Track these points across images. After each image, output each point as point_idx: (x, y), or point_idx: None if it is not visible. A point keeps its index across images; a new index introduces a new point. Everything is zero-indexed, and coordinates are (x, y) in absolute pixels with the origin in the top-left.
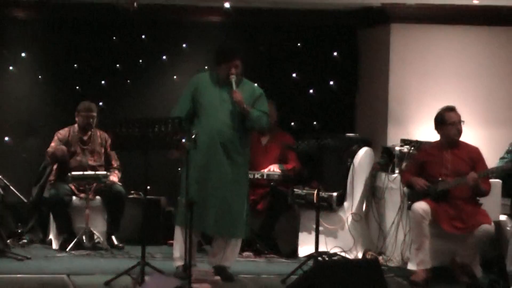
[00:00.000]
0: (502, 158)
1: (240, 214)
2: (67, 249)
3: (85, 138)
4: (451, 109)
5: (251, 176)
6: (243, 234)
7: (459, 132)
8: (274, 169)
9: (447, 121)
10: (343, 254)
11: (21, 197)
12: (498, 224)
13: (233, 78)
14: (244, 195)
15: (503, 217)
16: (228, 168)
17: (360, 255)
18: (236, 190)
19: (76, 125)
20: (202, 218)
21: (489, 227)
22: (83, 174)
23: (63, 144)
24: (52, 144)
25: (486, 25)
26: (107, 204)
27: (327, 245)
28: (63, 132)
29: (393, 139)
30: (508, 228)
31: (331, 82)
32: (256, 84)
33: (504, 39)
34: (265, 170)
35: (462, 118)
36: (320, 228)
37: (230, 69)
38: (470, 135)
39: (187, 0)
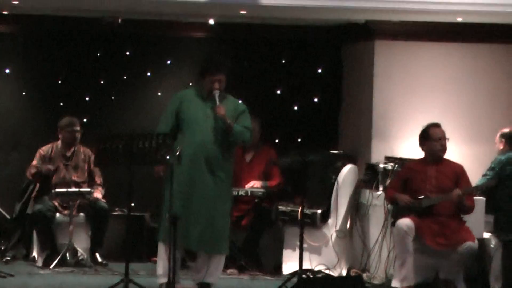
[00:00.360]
0: (484, 175)
1: (223, 230)
2: (51, 266)
3: (68, 154)
4: (436, 125)
5: (235, 192)
6: (226, 250)
7: (444, 148)
8: (256, 185)
9: (431, 136)
10: (327, 271)
11: (4, 213)
12: (482, 241)
13: (216, 93)
14: (227, 211)
15: (486, 235)
16: (211, 184)
17: (344, 272)
18: (219, 206)
19: (59, 142)
20: (185, 233)
21: (472, 244)
22: (66, 191)
23: (45, 161)
24: (34, 162)
25: (469, 42)
26: (91, 221)
27: (311, 262)
28: (45, 149)
29: (377, 156)
30: (491, 246)
31: (315, 98)
32: (240, 101)
33: (487, 55)
34: (248, 185)
35: (446, 135)
36: (304, 245)
37: (213, 83)
38: (453, 151)
39: (172, 15)
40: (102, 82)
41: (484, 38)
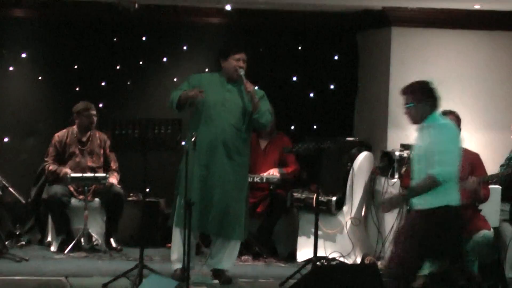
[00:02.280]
0: (502, 165)
1: (239, 216)
2: (65, 251)
3: (84, 139)
4: (445, 113)
5: (250, 179)
6: (242, 237)
7: None
8: (274, 173)
9: None
10: (341, 259)
11: (20, 197)
12: (497, 230)
13: (241, 72)
14: (244, 197)
15: (502, 223)
16: (229, 169)
17: (358, 260)
18: (236, 192)
19: (75, 127)
20: (201, 218)
21: (488, 233)
22: (82, 176)
23: (61, 147)
24: (50, 150)
25: (487, 30)
26: (106, 206)
27: (326, 249)
28: (61, 134)
29: (393, 143)
30: (507, 234)
31: (331, 85)
32: (256, 87)
33: (504, 43)
34: (265, 174)
35: (463, 123)
36: (319, 232)
37: (238, 61)
38: (469, 139)
39: (188, 1)
40: (118, 67)
41: (501, 26)
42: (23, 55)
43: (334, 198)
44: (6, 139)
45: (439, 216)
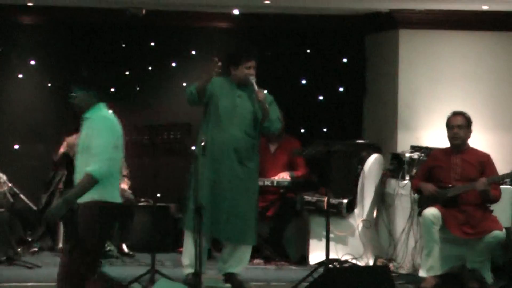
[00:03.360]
0: None
1: (250, 220)
2: None
3: None
4: (455, 114)
5: (261, 183)
6: (253, 241)
7: (456, 137)
8: (284, 176)
9: (447, 124)
10: (353, 261)
11: (31, 204)
12: (509, 230)
13: (253, 79)
14: (254, 201)
15: None
16: (240, 174)
17: (370, 262)
18: (246, 196)
19: None
20: (213, 222)
21: (500, 233)
22: None
23: (73, 149)
24: (61, 149)
25: (495, 30)
26: None
27: (337, 252)
28: (71, 139)
29: (403, 145)
30: None
31: (340, 88)
32: (265, 91)
33: None
34: (275, 178)
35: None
36: (330, 235)
37: (249, 69)
38: (478, 139)
39: (196, 6)
40: (127, 73)
41: (510, 26)
42: (32, 62)
43: (345, 201)
44: (16, 146)
45: (94, 210)
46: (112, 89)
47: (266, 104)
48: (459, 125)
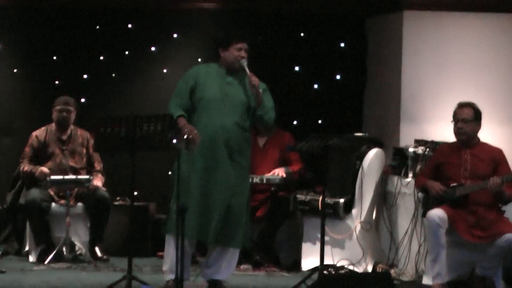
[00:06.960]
0: None
1: (240, 222)
2: (46, 262)
3: (64, 137)
4: (461, 105)
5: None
6: (240, 245)
7: (460, 131)
8: (280, 173)
9: (453, 117)
10: (351, 267)
11: None
12: None
13: (244, 62)
14: (245, 201)
15: None
16: (231, 171)
17: (370, 268)
18: (237, 196)
19: (53, 124)
20: (201, 225)
21: None
22: (63, 178)
23: (40, 146)
24: (27, 149)
25: (506, 12)
26: (90, 211)
27: (333, 257)
28: (39, 133)
29: (406, 139)
30: None
31: (338, 76)
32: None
33: None
34: (268, 175)
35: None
36: (326, 238)
37: (240, 51)
38: (488, 133)
39: None
40: (101, 58)
41: None
42: None
43: (342, 201)
44: None
45: None
46: (85, 76)
47: (260, 90)
48: (464, 119)
